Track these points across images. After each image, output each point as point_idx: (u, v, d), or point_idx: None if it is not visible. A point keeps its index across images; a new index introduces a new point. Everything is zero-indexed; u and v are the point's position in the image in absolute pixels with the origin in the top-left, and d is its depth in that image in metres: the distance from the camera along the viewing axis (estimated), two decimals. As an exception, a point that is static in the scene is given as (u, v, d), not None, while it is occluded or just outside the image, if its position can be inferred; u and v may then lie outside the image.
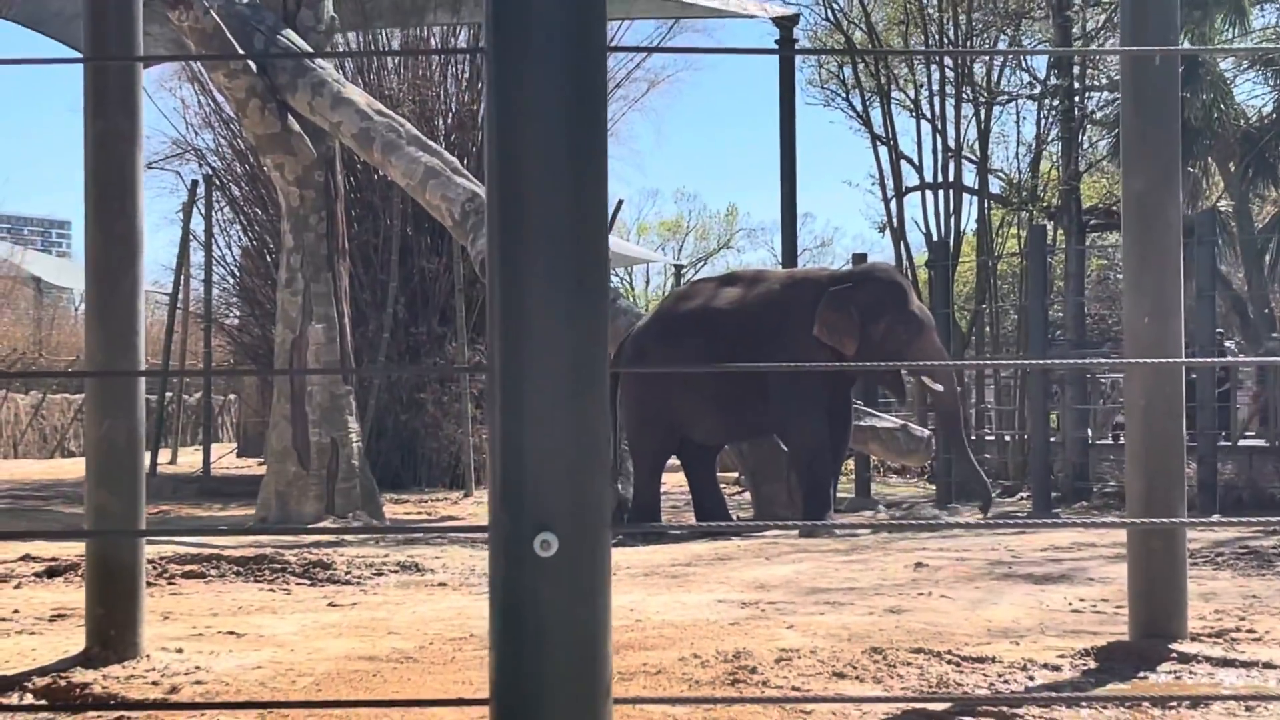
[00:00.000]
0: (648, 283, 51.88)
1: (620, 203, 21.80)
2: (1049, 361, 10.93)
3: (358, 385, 14.15)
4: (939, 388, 11.14)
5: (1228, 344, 17.25)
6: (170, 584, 7.13)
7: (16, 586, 6.96)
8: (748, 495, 13.29)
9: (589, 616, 1.88)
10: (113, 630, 4.75)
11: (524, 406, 1.86)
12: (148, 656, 4.77)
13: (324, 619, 5.91)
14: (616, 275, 39.74)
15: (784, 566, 7.83)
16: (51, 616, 5.83)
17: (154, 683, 4.42)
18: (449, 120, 19.32)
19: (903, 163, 20.51)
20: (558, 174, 1.86)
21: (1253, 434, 15.45)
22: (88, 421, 4.99)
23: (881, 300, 10.77)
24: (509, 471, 1.87)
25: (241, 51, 11.42)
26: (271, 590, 6.97)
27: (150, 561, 7.32)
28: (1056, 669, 4.55)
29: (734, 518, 11.89)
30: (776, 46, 17.35)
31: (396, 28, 18.99)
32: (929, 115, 20.05)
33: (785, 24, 17.58)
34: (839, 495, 12.32)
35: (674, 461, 12.03)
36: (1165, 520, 4.71)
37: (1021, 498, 14.19)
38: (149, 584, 6.48)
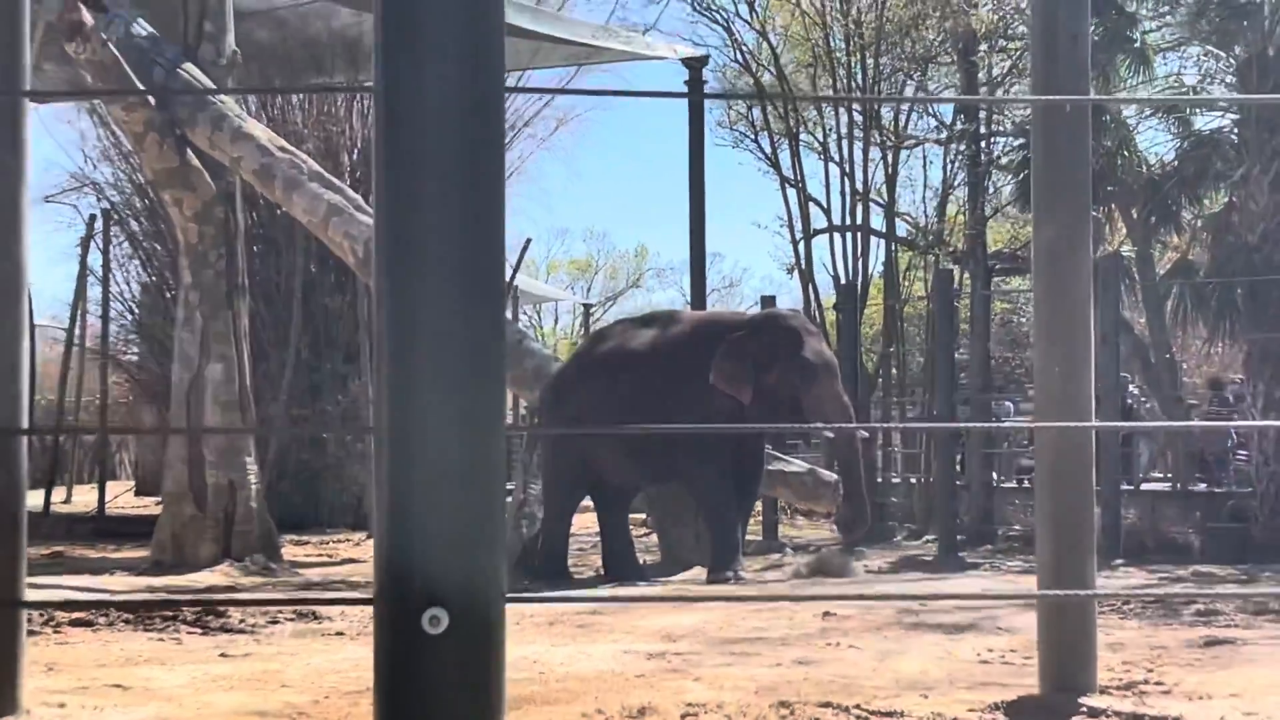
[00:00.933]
0: (556, 321, 51.74)
1: (529, 241, 21.64)
2: (953, 424, 10.92)
3: (258, 424, 13.89)
4: (830, 434, 11.06)
5: (1131, 388, 17.40)
6: (56, 632, 6.89)
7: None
8: (655, 538, 13.18)
9: (481, 699, 1.75)
10: (-10, 685, 4.55)
11: (413, 470, 1.74)
12: (28, 713, 4.58)
13: (215, 670, 5.73)
14: (525, 314, 39.60)
15: (691, 615, 7.70)
16: (-72, 669, 5.59)
17: (31, 742, 4.23)
18: (354, 156, 19.12)
19: (811, 205, 20.54)
20: (450, 222, 1.74)
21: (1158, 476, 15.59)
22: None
23: (774, 348, 10.70)
24: (396, 540, 1.74)
25: (140, 85, 11.19)
26: (161, 640, 6.75)
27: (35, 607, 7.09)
28: (966, 724, 4.47)
29: (641, 562, 11.77)
30: (686, 88, 17.33)
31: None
32: (837, 158, 20.11)
33: (694, 65, 17.57)
34: (747, 538, 12.22)
35: (587, 502, 11.93)
36: (1077, 593, 4.66)
37: (927, 541, 14.19)
38: (33, 632, 6.27)
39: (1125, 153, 16.57)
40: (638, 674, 5.50)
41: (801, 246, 20.24)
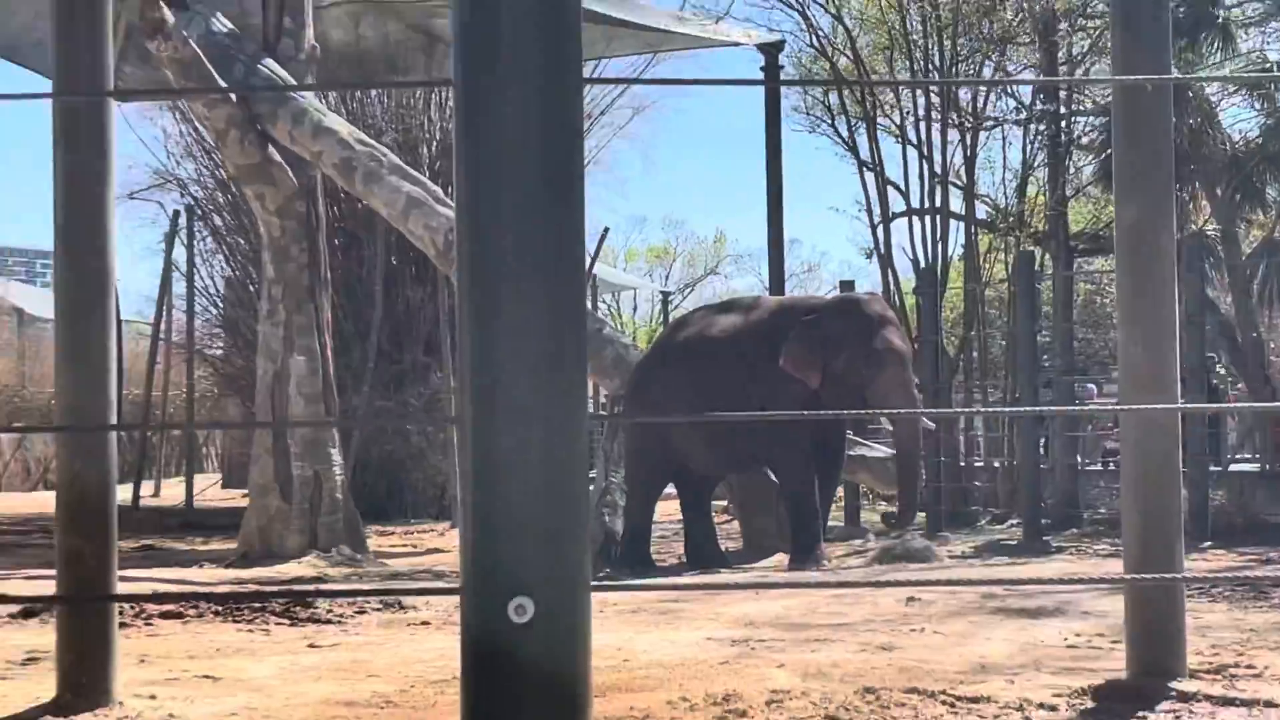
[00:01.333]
0: (635, 309, 51.82)
1: (606, 230, 21.71)
2: (1022, 409, 10.81)
3: (341, 416, 14.01)
4: (889, 426, 11.03)
5: (1218, 368, 17.18)
6: (147, 625, 6.98)
7: (-10, 628, 6.83)
8: (737, 525, 13.18)
9: (568, 685, 1.76)
10: (84, 677, 4.63)
11: (498, 461, 1.75)
12: (120, 704, 4.64)
13: (303, 661, 5.79)
14: (604, 301, 39.67)
15: (774, 602, 7.69)
16: (24, 660, 5.69)
17: (125, 733, 4.29)
18: (433, 148, 19.22)
19: (889, 188, 20.40)
20: (531, 213, 1.75)
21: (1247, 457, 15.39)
22: (58, 465, 4.88)
23: (844, 334, 10.62)
24: (481, 530, 1.76)
25: (222, 82, 11.30)
26: (250, 631, 6.83)
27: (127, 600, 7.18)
28: (1053, 709, 4.44)
29: (724, 549, 11.78)
30: (762, 73, 17.29)
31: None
32: (915, 141, 19.95)
33: (770, 51, 17.53)
34: (829, 524, 12.20)
35: (671, 490, 11.94)
36: (1163, 577, 4.61)
37: (1011, 525, 14.08)
38: (125, 625, 6.36)
39: (1208, 130, 16.33)
40: (721, 661, 5.50)
41: (880, 230, 20.13)
